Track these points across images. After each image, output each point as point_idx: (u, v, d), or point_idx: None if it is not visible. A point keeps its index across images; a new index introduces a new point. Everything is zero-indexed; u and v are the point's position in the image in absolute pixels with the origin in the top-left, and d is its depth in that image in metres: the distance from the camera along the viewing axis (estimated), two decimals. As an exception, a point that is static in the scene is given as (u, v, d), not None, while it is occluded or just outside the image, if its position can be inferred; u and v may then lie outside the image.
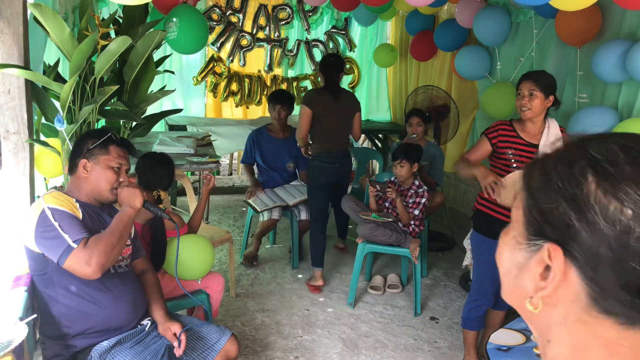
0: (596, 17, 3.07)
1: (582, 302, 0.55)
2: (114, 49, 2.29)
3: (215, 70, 5.76)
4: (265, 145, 4.09)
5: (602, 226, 0.52)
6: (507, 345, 1.69)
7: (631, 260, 0.51)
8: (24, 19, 2.16)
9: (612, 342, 0.55)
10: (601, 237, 0.52)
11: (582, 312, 0.56)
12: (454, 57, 4.49)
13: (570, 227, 0.54)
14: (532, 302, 0.59)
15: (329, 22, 6.02)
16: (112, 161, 1.91)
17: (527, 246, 0.59)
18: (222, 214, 5.21)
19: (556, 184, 0.56)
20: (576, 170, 0.55)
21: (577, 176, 0.54)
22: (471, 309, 2.70)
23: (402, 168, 3.45)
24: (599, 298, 0.54)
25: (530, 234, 0.59)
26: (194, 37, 3.30)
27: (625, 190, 0.52)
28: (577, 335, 0.57)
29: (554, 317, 0.59)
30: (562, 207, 0.55)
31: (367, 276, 3.87)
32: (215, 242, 3.27)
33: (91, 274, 1.70)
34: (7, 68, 2.09)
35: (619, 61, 2.82)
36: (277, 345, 2.95)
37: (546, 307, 0.58)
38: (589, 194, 0.53)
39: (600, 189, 0.53)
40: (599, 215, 0.52)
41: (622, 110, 3.01)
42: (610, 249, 0.52)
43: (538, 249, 0.57)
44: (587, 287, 0.54)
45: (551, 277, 0.56)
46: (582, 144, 0.57)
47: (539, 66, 3.71)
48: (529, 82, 2.43)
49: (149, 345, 1.94)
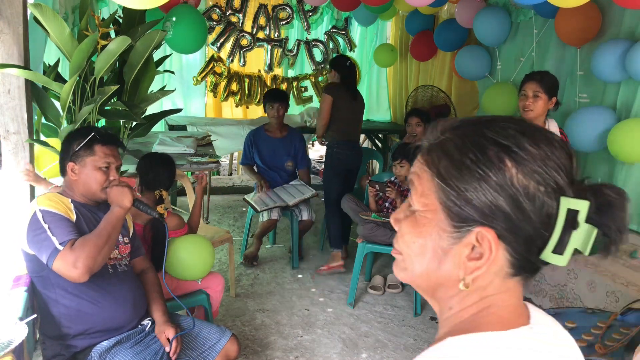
0: (596, 17, 3.07)
1: (504, 270, 0.63)
2: (113, 49, 2.28)
3: (215, 70, 5.76)
4: (263, 145, 4.09)
5: (525, 205, 0.59)
6: (507, 345, 1.69)
7: (543, 229, 0.60)
8: (24, 19, 2.16)
9: (510, 295, 0.66)
10: (524, 213, 0.59)
11: (502, 279, 0.64)
12: (454, 57, 4.49)
13: (500, 210, 0.59)
14: (465, 282, 0.63)
15: (329, 22, 6.01)
16: (99, 161, 1.86)
17: (453, 233, 0.63)
18: (222, 214, 5.21)
19: (474, 171, 0.60)
20: (491, 156, 0.60)
21: (495, 162, 0.60)
22: None
23: (402, 168, 3.45)
24: (517, 264, 0.63)
25: (455, 221, 0.62)
26: (192, 37, 3.30)
27: (538, 170, 0.59)
28: (488, 297, 0.65)
29: (475, 288, 0.64)
30: (489, 193, 0.59)
31: (367, 276, 3.87)
32: (215, 242, 3.27)
33: (78, 277, 1.66)
34: (7, 68, 2.09)
35: (619, 61, 2.82)
36: (277, 345, 2.95)
37: (474, 283, 0.64)
38: (512, 177, 0.59)
39: (519, 172, 0.59)
40: (522, 195, 0.59)
41: (620, 110, 3.00)
42: (531, 223, 0.60)
43: (465, 233, 0.62)
44: (511, 258, 0.62)
45: (485, 258, 0.61)
46: (479, 130, 0.62)
47: (539, 66, 3.71)
48: (534, 83, 2.42)
49: (149, 345, 1.94)
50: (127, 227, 2.08)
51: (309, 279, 3.84)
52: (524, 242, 0.61)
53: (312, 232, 4.66)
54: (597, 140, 2.98)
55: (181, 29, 3.24)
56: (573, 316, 1.89)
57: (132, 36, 2.38)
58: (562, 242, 0.60)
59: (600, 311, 1.99)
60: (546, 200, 0.60)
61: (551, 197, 0.60)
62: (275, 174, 4.12)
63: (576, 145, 3.10)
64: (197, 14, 3.38)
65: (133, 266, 2.09)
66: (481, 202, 0.60)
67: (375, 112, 6.39)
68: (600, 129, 2.95)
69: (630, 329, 1.71)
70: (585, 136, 3.00)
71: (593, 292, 2.31)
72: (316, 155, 8.09)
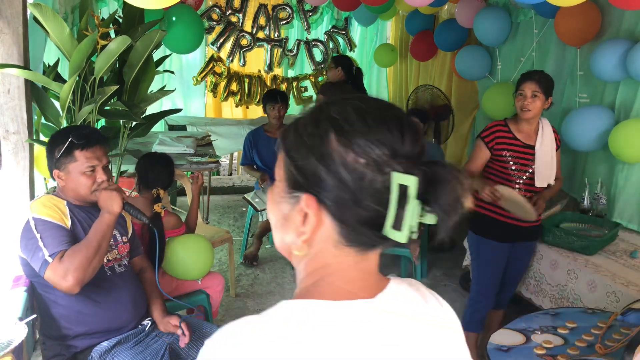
0: (595, 17, 3.07)
1: (334, 238, 0.66)
2: (113, 48, 2.28)
3: (215, 70, 5.76)
4: (262, 145, 4.08)
5: (344, 175, 0.63)
6: (507, 346, 1.69)
7: (366, 200, 0.63)
8: (24, 19, 2.16)
9: (350, 267, 0.68)
10: (344, 183, 0.63)
11: (333, 247, 0.67)
12: (454, 57, 4.49)
13: (320, 178, 0.64)
14: (297, 247, 0.68)
15: (329, 22, 6.02)
16: (81, 166, 1.80)
17: (289, 198, 0.68)
18: (222, 214, 5.21)
19: (306, 142, 0.66)
20: (321, 129, 0.65)
21: (322, 134, 0.65)
22: (473, 311, 2.67)
23: None
24: (348, 235, 0.65)
25: (289, 187, 0.68)
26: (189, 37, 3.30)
27: (358, 143, 0.63)
28: (325, 267, 0.68)
29: (311, 254, 0.69)
30: (312, 162, 0.64)
31: (367, 276, 3.86)
32: (215, 242, 3.27)
33: (68, 289, 1.64)
34: (7, 68, 2.09)
35: (619, 61, 2.82)
36: (277, 345, 2.94)
37: (309, 248, 0.69)
38: (332, 149, 0.63)
39: (340, 144, 0.63)
40: (341, 165, 0.63)
41: (619, 109, 3.00)
42: (351, 193, 0.63)
43: (297, 200, 0.66)
44: (337, 226, 0.65)
45: (308, 222, 0.66)
46: (325, 107, 0.68)
47: (539, 66, 3.70)
48: (532, 83, 2.40)
49: (150, 345, 1.93)
50: (126, 227, 2.08)
51: (309, 279, 3.84)
52: (352, 214, 0.64)
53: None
54: (597, 140, 2.97)
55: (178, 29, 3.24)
56: (573, 316, 1.89)
57: (132, 36, 2.38)
58: (398, 218, 0.62)
59: (600, 311, 1.99)
60: (368, 173, 0.62)
61: (374, 171, 0.62)
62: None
63: (575, 145, 3.10)
64: (194, 14, 3.38)
65: (132, 265, 2.09)
66: (308, 170, 0.65)
67: (375, 112, 6.38)
68: (598, 128, 2.95)
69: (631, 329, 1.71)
70: (584, 136, 3.00)
71: (593, 292, 2.31)
72: (316, 155, 8.09)
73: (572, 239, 2.56)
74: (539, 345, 1.67)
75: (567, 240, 2.57)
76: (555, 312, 1.96)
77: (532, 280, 2.68)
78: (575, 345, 1.67)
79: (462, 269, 3.63)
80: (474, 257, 2.70)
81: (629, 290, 2.16)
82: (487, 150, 2.50)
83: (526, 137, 2.50)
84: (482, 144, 2.52)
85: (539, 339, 1.72)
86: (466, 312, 2.72)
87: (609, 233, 2.64)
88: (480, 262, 2.64)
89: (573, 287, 2.43)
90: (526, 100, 2.41)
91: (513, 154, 2.48)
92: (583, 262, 2.43)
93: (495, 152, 2.51)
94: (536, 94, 2.40)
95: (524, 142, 2.49)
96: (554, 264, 2.55)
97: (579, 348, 1.65)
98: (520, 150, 2.48)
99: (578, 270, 2.41)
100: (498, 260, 2.57)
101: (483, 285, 2.63)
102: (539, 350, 1.64)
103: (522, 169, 2.49)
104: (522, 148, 2.48)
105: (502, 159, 2.50)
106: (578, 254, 2.52)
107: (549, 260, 2.57)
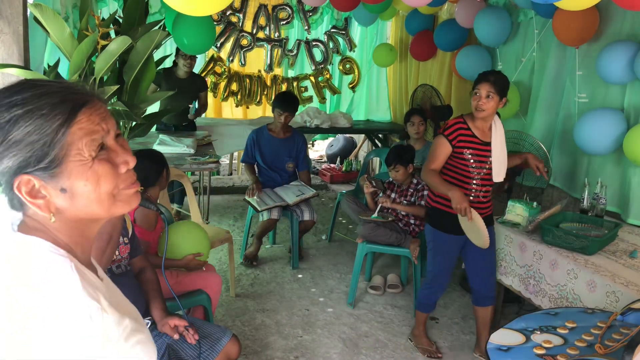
0: (593, 17, 3.06)
1: None
2: (113, 49, 2.29)
3: (215, 70, 5.77)
4: (265, 144, 4.09)
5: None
6: (507, 345, 1.69)
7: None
8: (24, 19, 2.16)
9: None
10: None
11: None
12: (454, 57, 4.49)
13: None
14: None
15: (329, 22, 6.02)
16: None
17: None
18: (222, 214, 5.21)
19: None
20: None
21: None
22: (427, 294, 2.90)
23: (398, 172, 3.47)
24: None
25: None
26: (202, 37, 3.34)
27: None
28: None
29: None
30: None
31: (367, 276, 3.87)
32: (215, 242, 3.27)
33: None
34: (7, 68, 2.09)
35: (627, 63, 2.81)
36: (277, 345, 2.95)
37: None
38: None
39: None
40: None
41: (628, 112, 2.99)
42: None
43: None
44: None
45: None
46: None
47: (540, 66, 3.71)
48: (487, 84, 2.50)
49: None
50: (127, 228, 2.08)
51: (309, 279, 3.84)
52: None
53: (312, 232, 4.67)
54: (608, 143, 2.96)
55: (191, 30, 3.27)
56: (573, 316, 1.90)
57: (132, 36, 2.38)
58: None
59: (600, 311, 1.99)
60: None
61: None
62: (276, 174, 4.12)
63: (586, 147, 3.08)
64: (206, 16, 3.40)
65: (132, 265, 2.09)
66: None
67: (375, 112, 6.39)
68: (610, 131, 2.94)
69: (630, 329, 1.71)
70: (596, 139, 2.98)
71: (593, 292, 2.31)
72: (316, 156, 8.10)
73: (571, 238, 2.56)
74: (539, 345, 1.67)
75: (566, 240, 2.57)
76: (555, 312, 1.96)
77: (532, 280, 2.69)
78: (575, 345, 1.67)
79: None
80: (429, 247, 2.85)
81: (629, 290, 2.16)
82: (450, 146, 2.60)
83: (482, 134, 2.62)
84: (445, 141, 2.61)
85: (538, 338, 1.72)
86: (419, 295, 2.98)
87: (608, 233, 2.64)
88: (435, 252, 2.82)
89: (573, 287, 2.43)
90: (481, 100, 2.52)
91: (473, 151, 2.60)
92: (583, 262, 2.44)
93: (456, 150, 2.60)
94: (490, 95, 2.50)
95: (482, 140, 2.61)
96: (553, 264, 2.55)
97: (578, 348, 1.65)
98: (479, 147, 2.61)
99: (578, 270, 2.41)
100: (451, 250, 2.77)
101: (440, 274, 2.83)
102: (539, 350, 1.64)
103: (481, 165, 2.62)
104: (480, 145, 2.61)
105: (462, 157, 2.61)
106: (578, 254, 2.53)
107: (549, 260, 2.57)
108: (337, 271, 3.99)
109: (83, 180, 0.80)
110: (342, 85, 6.33)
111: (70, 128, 0.79)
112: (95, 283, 0.85)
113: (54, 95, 0.79)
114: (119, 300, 0.93)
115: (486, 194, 2.70)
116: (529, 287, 2.71)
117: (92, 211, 0.84)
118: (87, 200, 0.82)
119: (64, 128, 0.78)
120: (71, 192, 0.81)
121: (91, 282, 0.83)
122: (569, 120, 3.41)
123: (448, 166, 2.67)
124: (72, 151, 0.79)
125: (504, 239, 2.90)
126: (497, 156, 2.60)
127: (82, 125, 0.80)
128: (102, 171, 0.82)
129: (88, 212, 0.84)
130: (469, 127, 2.61)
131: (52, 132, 0.77)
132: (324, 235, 4.72)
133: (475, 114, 2.57)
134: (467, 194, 2.59)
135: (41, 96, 0.78)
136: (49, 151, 0.77)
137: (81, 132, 0.80)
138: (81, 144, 0.80)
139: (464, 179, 2.63)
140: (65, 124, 0.78)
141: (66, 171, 0.79)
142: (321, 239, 4.67)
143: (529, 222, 2.83)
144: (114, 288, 0.97)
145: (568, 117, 3.42)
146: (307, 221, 4.00)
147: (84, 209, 0.83)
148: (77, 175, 0.80)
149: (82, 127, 0.80)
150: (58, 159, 0.78)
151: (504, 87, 2.53)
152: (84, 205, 0.82)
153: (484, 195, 2.69)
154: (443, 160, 2.64)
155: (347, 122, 5.67)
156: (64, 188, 0.80)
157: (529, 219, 2.85)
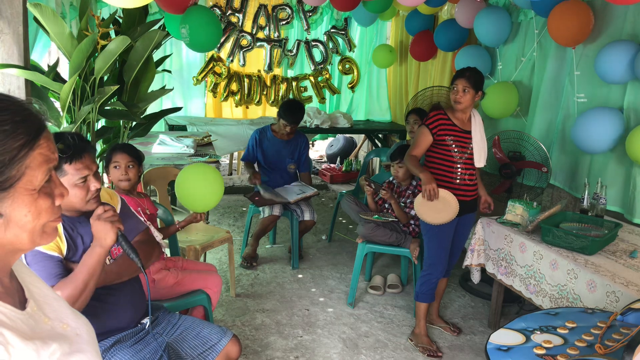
0: (587, 18, 3.06)
1: None
2: (113, 49, 2.29)
3: (215, 70, 5.77)
4: (267, 145, 4.09)
5: None
6: (507, 345, 1.69)
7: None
8: (24, 19, 2.16)
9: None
10: None
11: None
12: (454, 57, 4.49)
13: None
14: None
15: (328, 22, 6.02)
16: (72, 179, 1.71)
17: None
18: (222, 214, 5.21)
19: None
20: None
21: None
22: (424, 282, 2.99)
23: (400, 169, 3.47)
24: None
25: None
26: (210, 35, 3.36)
27: None
28: None
29: None
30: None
31: (367, 276, 3.87)
32: (215, 242, 3.27)
33: None
34: (7, 68, 2.09)
35: (627, 63, 2.81)
36: (277, 345, 2.95)
37: None
38: None
39: None
40: None
41: (627, 112, 2.99)
42: None
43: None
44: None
45: None
46: None
47: (540, 66, 3.71)
48: (463, 79, 2.78)
49: (149, 344, 1.93)
50: None
51: (309, 279, 3.84)
52: None
53: (312, 232, 4.67)
54: (606, 142, 2.96)
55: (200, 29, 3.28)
56: (573, 316, 1.89)
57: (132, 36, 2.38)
58: None
59: (600, 311, 1.99)
60: None
61: None
62: (277, 175, 4.12)
63: (583, 146, 3.08)
64: (211, 13, 3.41)
65: None
66: None
67: (375, 112, 6.39)
68: (607, 130, 2.94)
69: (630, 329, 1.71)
70: (595, 138, 2.98)
71: (593, 292, 2.31)
72: (316, 156, 8.10)
73: (571, 238, 2.56)
74: (539, 345, 1.67)
75: (566, 240, 2.57)
76: (555, 312, 1.96)
77: (532, 280, 2.69)
78: (575, 345, 1.67)
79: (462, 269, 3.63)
80: (424, 234, 2.99)
81: (629, 290, 2.16)
82: (431, 136, 2.84)
83: (462, 124, 2.87)
84: (426, 131, 2.85)
85: (538, 338, 1.72)
86: (418, 284, 3.04)
87: (608, 233, 2.64)
88: (430, 238, 2.95)
89: (573, 287, 2.43)
90: (458, 94, 2.78)
91: (454, 138, 2.83)
92: (583, 262, 2.43)
93: (437, 138, 2.84)
94: (466, 89, 2.77)
95: (462, 128, 2.85)
96: (553, 264, 2.55)
97: (578, 348, 1.65)
98: (459, 134, 2.84)
99: (578, 270, 2.41)
100: (446, 235, 2.92)
101: (434, 259, 2.96)
102: (539, 350, 1.64)
103: (463, 150, 2.85)
104: (461, 133, 2.85)
105: (445, 143, 2.84)
106: (578, 254, 2.52)
107: (549, 260, 2.57)
108: (337, 271, 3.99)
109: (25, 210, 0.75)
110: (342, 86, 6.33)
111: (33, 151, 0.73)
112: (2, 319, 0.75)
113: (16, 113, 0.73)
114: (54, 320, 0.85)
115: (471, 177, 2.90)
116: (530, 287, 2.71)
117: (19, 241, 0.77)
118: (20, 230, 0.75)
119: (26, 149, 0.73)
120: (7, 219, 0.74)
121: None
122: (568, 120, 3.41)
123: (434, 153, 2.89)
124: (26, 177, 0.73)
125: (504, 239, 2.90)
126: (477, 142, 2.85)
127: (42, 151, 0.75)
128: (45, 205, 0.77)
129: (14, 242, 0.77)
130: (449, 118, 2.86)
131: (14, 151, 0.71)
132: (324, 235, 4.72)
133: (454, 106, 2.83)
134: (454, 177, 2.84)
135: (2, 111, 0.72)
136: (4, 170, 0.72)
137: (40, 157, 0.75)
138: (38, 172, 0.75)
139: (449, 164, 2.85)
140: (27, 145, 0.73)
141: (11, 197, 0.73)
142: (321, 239, 4.67)
143: (529, 222, 2.83)
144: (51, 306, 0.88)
145: (567, 117, 3.43)
146: (307, 221, 4.00)
147: (12, 238, 0.76)
148: (20, 203, 0.74)
149: (42, 153, 0.75)
150: (9, 180, 0.72)
151: (478, 82, 2.80)
152: (14, 235, 0.76)
153: (470, 179, 2.90)
154: (424, 148, 2.87)
155: (347, 122, 5.67)
156: (1, 213, 0.73)
157: (529, 219, 2.85)
